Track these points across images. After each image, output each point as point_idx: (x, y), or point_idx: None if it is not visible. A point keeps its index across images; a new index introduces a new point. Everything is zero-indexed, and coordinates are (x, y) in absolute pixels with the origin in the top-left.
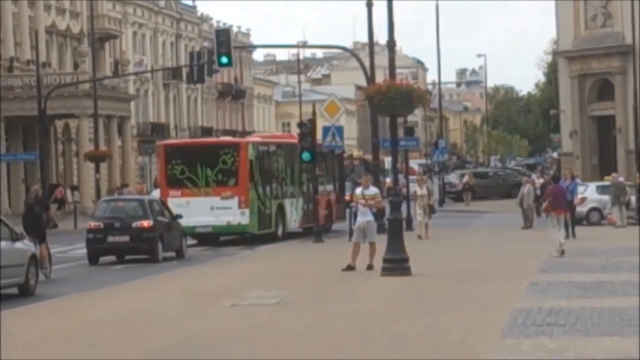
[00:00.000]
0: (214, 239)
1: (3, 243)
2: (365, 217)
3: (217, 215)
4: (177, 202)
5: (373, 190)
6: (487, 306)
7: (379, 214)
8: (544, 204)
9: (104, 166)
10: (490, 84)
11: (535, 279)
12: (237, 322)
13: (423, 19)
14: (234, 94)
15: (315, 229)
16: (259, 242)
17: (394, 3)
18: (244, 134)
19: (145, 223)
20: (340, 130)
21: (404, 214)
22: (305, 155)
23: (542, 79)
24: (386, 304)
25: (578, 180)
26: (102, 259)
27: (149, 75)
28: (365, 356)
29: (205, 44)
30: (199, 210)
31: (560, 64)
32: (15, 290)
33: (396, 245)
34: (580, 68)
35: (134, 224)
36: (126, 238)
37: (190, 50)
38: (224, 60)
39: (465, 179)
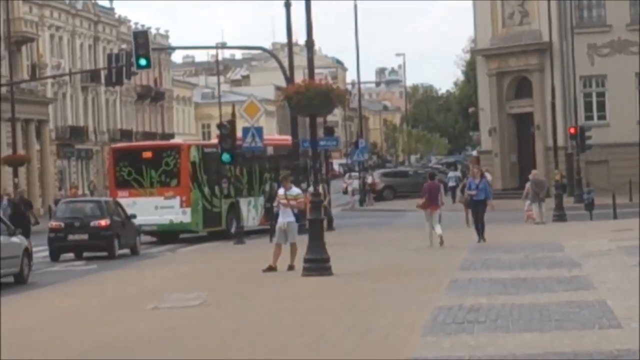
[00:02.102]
0: (174, 236)
1: (2, 237)
2: (286, 218)
3: (160, 214)
4: (124, 202)
5: (295, 190)
6: (408, 305)
7: (300, 215)
8: (421, 201)
9: (22, 170)
10: (410, 83)
11: (455, 276)
12: (158, 325)
13: (342, 19)
14: (153, 96)
15: (236, 231)
16: (211, 239)
17: (312, 3)
18: (164, 136)
19: (103, 222)
20: (259, 131)
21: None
22: (225, 157)
23: (461, 77)
24: (308, 303)
25: (488, 176)
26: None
27: (67, 78)
28: (289, 356)
29: (124, 46)
30: (144, 209)
31: (478, 62)
32: (11, 279)
33: (317, 246)
34: (498, 66)
35: (92, 223)
36: (85, 236)
37: (109, 53)
38: (143, 62)
39: (370, 179)
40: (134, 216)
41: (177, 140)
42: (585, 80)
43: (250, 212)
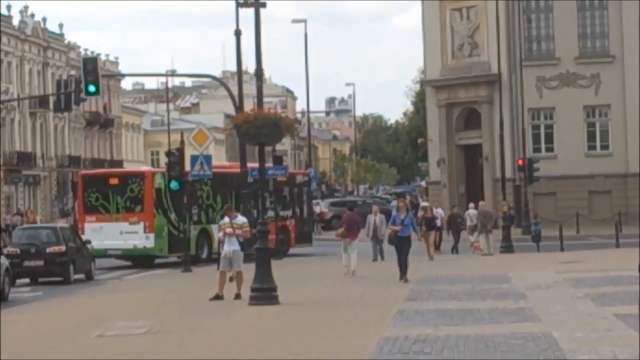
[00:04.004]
0: (148, 261)
1: None
2: (231, 247)
3: (125, 239)
4: (92, 227)
5: (241, 219)
6: (355, 335)
7: (246, 243)
8: (340, 230)
9: None
10: (359, 112)
11: (402, 307)
12: (103, 353)
13: (293, 46)
14: (102, 122)
15: (183, 258)
16: (195, 264)
17: (263, 31)
18: (112, 163)
19: (58, 249)
20: (208, 159)
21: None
22: (173, 184)
23: (411, 107)
24: (255, 332)
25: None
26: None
27: (15, 103)
28: None
29: (73, 72)
30: (110, 234)
31: (427, 92)
32: None
33: (264, 274)
34: (448, 97)
35: (48, 250)
36: (41, 262)
37: (58, 79)
38: (92, 88)
39: (318, 209)
40: (89, 242)
41: (143, 167)
42: (533, 113)
43: None
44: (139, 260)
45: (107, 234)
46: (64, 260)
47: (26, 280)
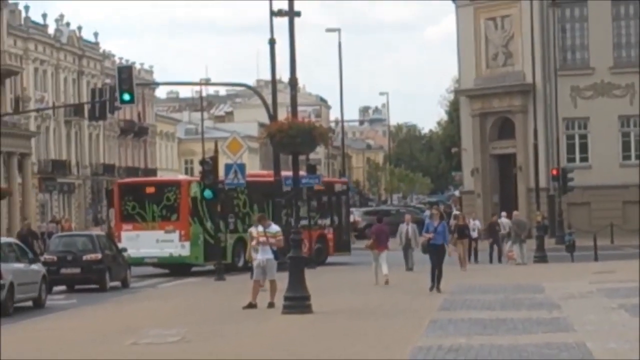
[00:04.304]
0: (186, 269)
1: (23, 265)
2: (265, 255)
3: (161, 248)
4: (128, 235)
5: (274, 228)
6: (388, 344)
7: (279, 252)
8: (369, 242)
9: (4, 203)
10: (393, 122)
11: (435, 316)
12: None
13: (327, 56)
14: (136, 131)
15: (217, 267)
16: (231, 272)
17: (297, 40)
18: (147, 171)
19: (95, 256)
20: (242, 167)
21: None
22: (207, 193)
23: (445, 117)
24: (287, 341)
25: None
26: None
27: (50, 111)
28: None
29: (108, 80)
30: (146, 242)
31: (461, 102)
32: (30, 304)
33: (297, 283)
34: (482, 106)
35: (84, 257)
36: (78, 270)
37: (93, 87)
38: (126, 97)
39: (351, 218)
40: (125, 250)
41: (179, 176)
42: (567, 122)
43: None
44: (176, 268)
45: (143, 242)
46: (100, 267)
47: (63, 287)
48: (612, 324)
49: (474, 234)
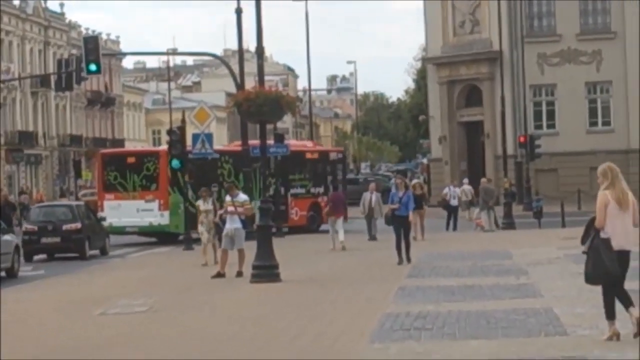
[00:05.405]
0: (172, 238)
1: None
2: (233, 225)
3: (141, 217)
4: (110, 205)
5: (242, 197)
6: (356, 311)
7: (248, 221)
8: (326, 209)
9: None
10: (361, 90)
11: (403, 283)
12: (105, 331)
13: (294, 25)
14: (103, 101)
15: (185, 237)
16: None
17: (263, 9)
18: (114, 142)
19: (74, 226)
20: (209, 137)
21: None
22: (175, 163)
23: (412, 85)
24: (256, 310)
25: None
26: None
27: (16, 82)
28: None
29: (74, 51)
30: (127, 212)
31: (429, 70)
32: (3, 274)
33: (265, 252)
34: (449, 74)
35: (64, 227)
36: (58, 239)
37: (59, 58)
38: (93, 67)
39: None
40: (104, 219)
41: (162, 147)
42: (535, 89)
43: None
44: (163, 237)
45: (124, 212)
46: (79, 237)
47: (43, 256)
48: (579, 290)
49: (454, 202)
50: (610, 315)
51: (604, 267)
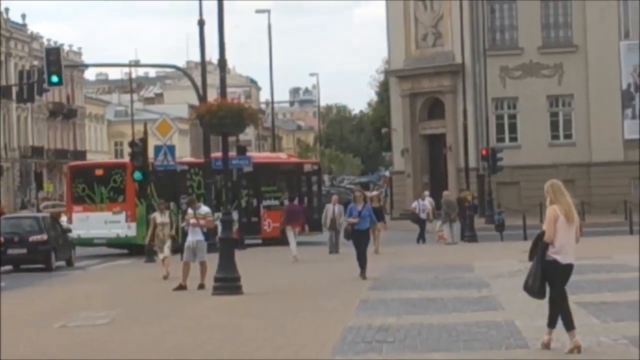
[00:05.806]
0: (142, 248)
1: None
2: (195, 237)
3: (109, 229)
4: (79, 217)
5: (204, 209)
6: (318, 324)
7: (209, 233)
8: (282, 219)
9: None
10: (323, 103)
11: (365, 296)
12: (66, 344)
13: (257, 36)
14: (65, 113)
15: (146, 248)
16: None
17: (226, 22)
18: (76, 154)
19: (40, 237)
20: (172, 149)
21: None
22: (137, 175)
23: (375, 98)
24: (218, 322)
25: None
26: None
27: None
28: None
29: (36, 62)
30: (95, 224)
31: (391, 83)
32: None
33: (227, 264)
34: (411, 87)
35: (30, 238)
36: (24, 250)
37: (20, 69)
38: (55, 79)
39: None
40: (69, 230)
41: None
42: (497, 102)
43: None
44: (135, 248)
45: (92, 224)
46: (46, 248)
47: (9, 267)
48: (540, 303)
49: (423, 216)
50: (569, 326)
51: (528, 282)
